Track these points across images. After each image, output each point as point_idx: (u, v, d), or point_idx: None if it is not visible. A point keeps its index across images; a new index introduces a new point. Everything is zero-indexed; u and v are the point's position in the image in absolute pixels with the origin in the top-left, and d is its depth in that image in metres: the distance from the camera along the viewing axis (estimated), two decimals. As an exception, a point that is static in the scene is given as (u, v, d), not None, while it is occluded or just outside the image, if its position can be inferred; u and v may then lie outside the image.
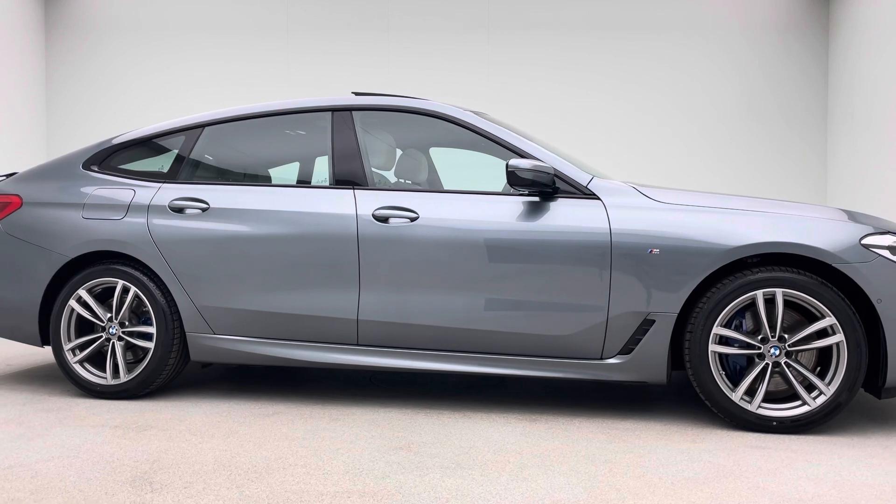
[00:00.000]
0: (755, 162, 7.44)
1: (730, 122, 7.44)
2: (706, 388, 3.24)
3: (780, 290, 3.14)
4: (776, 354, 3.17)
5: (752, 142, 7.44)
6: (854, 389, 3.11)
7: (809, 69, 7.38)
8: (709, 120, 7.44)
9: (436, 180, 4.21)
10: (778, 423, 3.17)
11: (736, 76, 7.46)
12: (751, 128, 7.44)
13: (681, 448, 2.96)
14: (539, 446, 2.97)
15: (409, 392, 3.95)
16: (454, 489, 2.47)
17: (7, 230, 4.01)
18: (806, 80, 7.39)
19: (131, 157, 4.04)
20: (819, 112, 7.45)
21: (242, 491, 2.45)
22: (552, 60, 7.50)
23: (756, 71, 7.43)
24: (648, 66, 7.45)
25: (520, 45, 7.49)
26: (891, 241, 3.17)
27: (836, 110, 7.19)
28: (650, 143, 7.47)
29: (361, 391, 3.96)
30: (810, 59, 7.38)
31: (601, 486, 2.51)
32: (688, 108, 7.44)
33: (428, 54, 7.48)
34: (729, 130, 7.44)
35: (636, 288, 3.27)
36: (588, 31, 7.44)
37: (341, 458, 2.80)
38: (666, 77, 7.45)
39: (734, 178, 7.35)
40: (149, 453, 2.86)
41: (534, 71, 7.52)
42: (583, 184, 3.43)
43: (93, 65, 7.59)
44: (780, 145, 7.40)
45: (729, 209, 3.29)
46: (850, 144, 6.89)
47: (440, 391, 3.97)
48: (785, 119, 7.40)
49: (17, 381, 4.22)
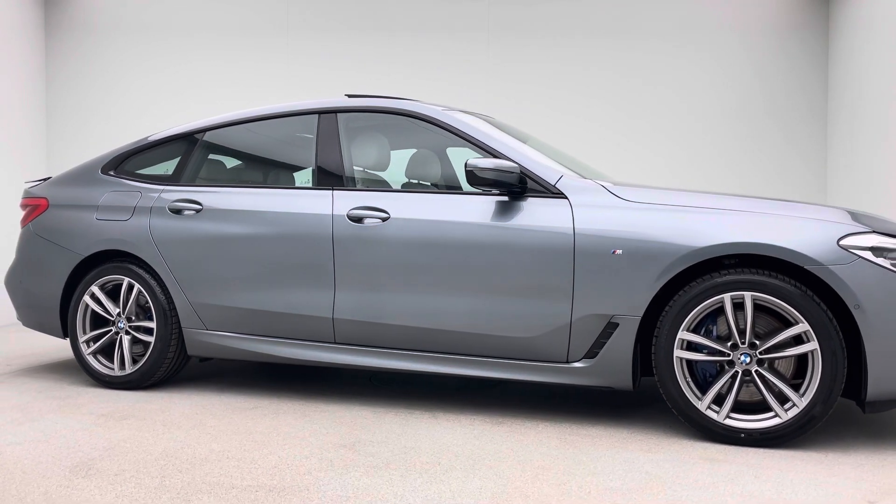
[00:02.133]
0: (755, 162, 7.37)
1: (729, 122, 7.41)
2: (671, 395, 3.09)
3: (749, 294, 2.95)
4: (746, 362, 2.98)
5: (752, 142, 7.37)
6: (829, 402, 2.87)
7: (809, 69, 7.29)
8: (708, 120, 7.41)
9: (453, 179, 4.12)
10: (746, 435, 2.98)
11: (736, 76, 7.41)
12: (751, 128, 7.37)
13: (629, 457, 2.84)
14: (484, 449, 2.93)
15: (396, 391, 3.98)
16: (364, 488, 2.48)
17: (35, 231, 4.34)
18: (806, 81, 7.30)
19: (142, 162, 4.28)
20: (819, 112, 7.31)
21: (164, 481, 2.56)
22: (552, 61, 7.50)
23: (756, 71, 7.35)
24: (648, 66, 7.45)
25: (520, 45, 7.51)
26: (874, 241, 2.90)
27: (836, 110, 7.06)
28: (650, 143, 7.45)
29: (348, 388, 4.03)
30: (810, 60, 7.29)
31: (512, 491, 2.46)
32: (687, 108, 7.42)
33: (428, 54, 7.49)
34: (728, 130, 7.41)
35: (599, 290, 3.16)
36: (588, 32, 7.47)
37: (280, 454, 2.87)
38: (666, 77, 7.44)
39: (734, 179, 7.29)
40: (110, 441, 3.03)
41: (534, 71, 7.52)
42: (551, 183, 3.34)
43: (93, 65, 7.62)
44: (780, 145, 7.31)
45: (701, 208, 3.12)
46: (850, 144, 6.70)
47: (428, 391, 3.97)
48: (785, 119, 7.31)
49: (45, 371, 4.55)
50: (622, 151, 7.30)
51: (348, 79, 7.27)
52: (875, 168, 6.25)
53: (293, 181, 4.10)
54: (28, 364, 4.76)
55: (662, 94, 7.35)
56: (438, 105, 3.84)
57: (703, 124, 7.33)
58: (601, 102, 7.39)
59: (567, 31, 7.42)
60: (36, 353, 5.17)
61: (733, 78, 7.32)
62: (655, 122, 7.36)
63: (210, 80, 7.55)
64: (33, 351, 5.24)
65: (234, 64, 7.53)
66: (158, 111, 7.47)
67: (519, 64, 7.42)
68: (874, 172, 6.27)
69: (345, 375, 4.38)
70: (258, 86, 7.47)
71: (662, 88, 7.36)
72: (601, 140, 7.30)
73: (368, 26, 7.43)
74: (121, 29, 7.62)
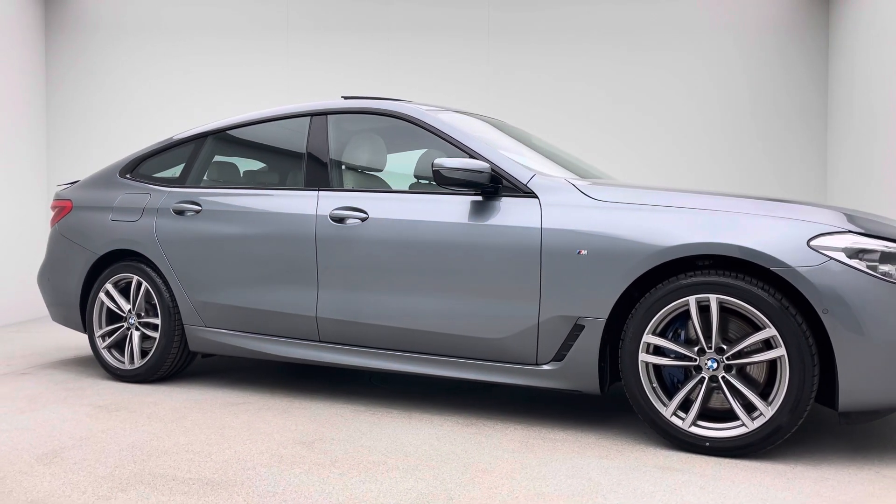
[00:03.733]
0: (755, 162, 7.23)
1: (729, 122, 7.29)
2: (637, 400, 2.99)
3: (714, 297, 2.83)
4: (713, 368, 2.86)
5: (751, 141, 7.25)
6: (797, 412, 2.71)
7: (809, 69, 7.13)
8: (708, 120, 7.32)
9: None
10: (711, 443, 2.85)
11: (736, 76, 7.28)
12: (750, 127, 7.21)
13: (581, 462, 2.77)
14: (439, 450, 2.92)
15: (390, 391, 4.01)
16: (296, 484, 2.52)
17: (61, 231, 4.60)
18: (806, 80, 7.14)
19: (154, 165, 4.46)
20: (819, 112, 7.15)
21: (115, 470, 2.67)
22: (552, 61, 7.45)
23: (756, 71, 7.21)
24: (648, 66, 7.38)
25: (520, 46, 7.47)
26: (849, 242, 2.72)
27: (836, 110, 6.93)
28: (650, 142, 7.37)
29: (340, 386, 4.08)
30: (810, 59, 7.13)
31: (439, 493, 2.44)
32: (688, 107, 7.34)
33: (428, 55, 7.45)
34: (728, 130, 7.29)
35: (566, 291, 3.09)
36: (588, 31, 7.42)
37: (238, 448, 2.94)
38: (665, 77, 7.37)
39: (734, 179, 7.19)
40: (90, 431, 3.19)
41: (534, 72, 7.47)
42: (523, 182, 3.29)
43: (93, 65, 7.62)
44: (780, 145, 7.18)
45: (671, 207, 3.00)
46: (850, 144, 6.62)
47: (422, 391, 3.98)
48: (785, 119, 7.19)
49: (72, 364, 4.80)
50: (622, 152, 7.24)
51: (349, 80, 7.29)
52: (875, 168, 6.20)
53: (286, 182, 4.18)
54: (60, 357, 5.05)
55: (662, 94, 7.34)
56: (425, 105, 3.84)
57: (703, 124, 7.30)
58: (601, 103, 7.38)
59: (567, 31, 7.41)
60: (69, 346, 5.46)
61: (733, 78, 7.28)
62: (656, 122, 7.34)
63: (210, 81, 7.48)
64: (66, 345, 5.54)
65: (234, 64, 7.47)
66: (158, 111, 7.45)
67: (519, 65, 7.42)
68: (874, 172, 6.21)
69: (346, 373, 4.44)
70: (258, 86, 7.41)
71: (662, 88, 7.34)
72: (601, 140, 7.26)
73: (369, 27, 7.43)
74: (121, 29, 7.57)
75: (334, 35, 7.47)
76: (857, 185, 6.54)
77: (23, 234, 7.08)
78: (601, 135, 7.29)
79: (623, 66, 7.33)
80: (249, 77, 7.48)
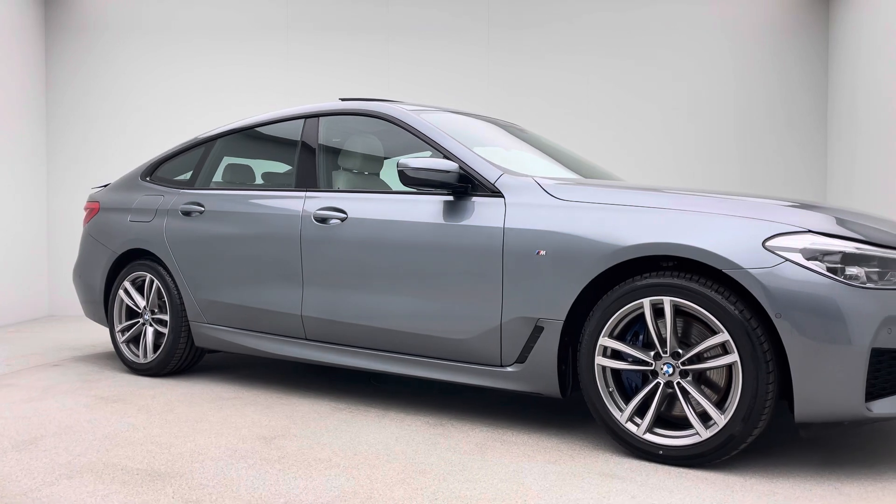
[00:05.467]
0: (755, 162, 7.15)
1: (729, 122, 7.19)
2: (593, 405, 2.91)
3: (668, 299, 2.72)
4: (669, 373, 2.75)
5: (751, 142, 7.17)
6: (751, 421, 2.57)
7: (809, 69, 7.08)
8: (708, 120, 7.22)
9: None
10: (665, 452, 2.74)
11: (735, 76, 7.19)
12: (751, 128, 7.17)
13: (524, 466, 2.71)
14: (391, 450, 2.93)
15: (382, 390, 4.04)
16: (232, 478, 2.58)
17: (89, 231, 4.87)
18: (806, 81, 7.08)
19: (170, 168, 4.66)
20: (819, 112, 7.07)
21: (74, 458, 2.81)
22: (552, 60, 7.37)
23: (756, 71, 7.15)
24: (648, 66, 7.29)
25: (520, 44, 7.39)
26: (807, 242, 2.56)
27: (836, 110, 6.88)
28: (650, 142, 7.27)
29: (334, 384, 4.15)
30: (810, 60, 7.07)
31: (360, 492, 2.45)
32: (688, 107, 7.25)
33: (428, 54, 7.38)
34: (728, 130, 7.20)
35: (526, 292, 3.04)
36: (588, 31, 7.35)
37: (200, 441, 3.04)
38: (665, 77, 7.28)
39: (734, 179, 7.10)
40: (77, 420, 3.37)
41: (534, 71, 7.39)
42: (491, 181, 3.25)
43: (93, 65, 7.63)
44: (780, 145, 7.11)
45: (634, 206, 2.89)
46: (850, 144, 6.57)
47: (417, 391, 4.00)
48: (785, 119, 7.09)
49: (101, 358, 5.07)
50: (622, 152, 7.15)
51: (349, 80, 7.30)
52: (875, 168, 6.13)
53: (283, 184, 4.27)
54: (93, 351, 5.34)
55: (663, 94, 7.28)
56: (415, 106, 3.85)
57: (703, 124, 7.24)
58: (601, 104, 7.32)
59: (567, 33, 7.36)
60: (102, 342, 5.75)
61: (733, 78, 7.22)
62: (656, 122, 7.28)
63: (210, 81, 7.50)
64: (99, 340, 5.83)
65: (234, 65, 7.47)
66: (158, 111, 7.51)
67: (519, 65, 7.37)
68: (874, 172, 6.14)
69: (346, 371, 4.50)
70: (258, 87, 7.42)
71: (663, 88, 7.29)
72: (601, 140, 7.18)
73: (369, 28, 7.42)
74: (121, 29, 7.59)
75: (334, 35, 7.46)
76: (857, 185, 6.49)
77: (23, 234, 7.15)
78: (601, 135, 7.25)
79: (623, 66, 7.32)
80: (249, 78, 7.46)
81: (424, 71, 7.38)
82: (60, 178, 7.60)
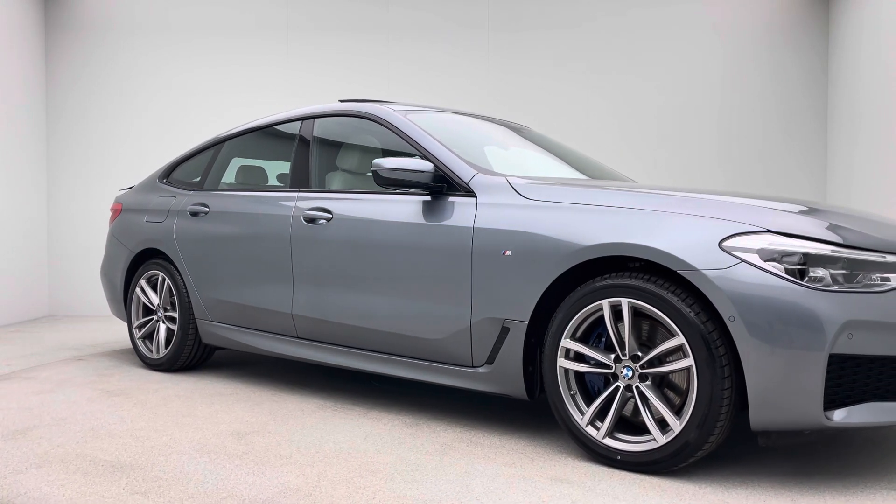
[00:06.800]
0: (755, 162, 7.16)
1: (729, 121, 7.19)
2: (556, 408, 2.86)
3: (626, 300, 2.65)
4: (629, 376, 2.68)
5: (751, 142, 7.18)
6: (706, 427, 2.48)
7: (809, 69, 7.10)
8: (708, 120, 7.17)
9: None
10: (623, 457, 2.67)
11: (735, 76, 7.19)
12: (751, 128, 7.18)
13: (478, 468, 2.69)
14: (356, 448, 2.95)
15: (375, 389, 4.08)
16: (188, 472, 2.65)
17: (112, 231, 5.08)
18: (806, 80, 7.11)
19: (184, 170, 4.80)
20: (819, 112, 7.09)
21: (52, 449, 2.94)
22: (552, 60, 7.32)
23: (756, 71, 7.16)
24: (648, 66, 7.25)
25: (520, 45, 7.33)
26: (765, 242, 2.45)
27: (836, 110, 6.93)
28: (650, 142, 7.20)
29: (330, 383, 4.20)
30: (810, 59, 7.09)
31: (304, 489, 2.47)
32: (688, 107, 7.20)
33: (428, 55, 7.31)
34: (728, 130, 7.20)
35: (493, 292, 3.01)
36: (587, 31, 7.31)
37: (176, 435, 3.13)
38: (665, 76, 7.22)
39: (734, 179, 7.10)
40: (72, 413, 3.51)
41: (534, 71, 7.31)
42: (465, 181, 3.23)
43: (93, 65, 7.61)
44: (780, 145, 7.13)
45: (600, 206, 2.82)
46: (850, 144, 6.62)
47: (411, 391, 4.01)
48: (785, 119, 7.03)
49: (123, 354, 5.27)
50: (621, 152, 7.06)
51: (349, 81, 7.30)
52: (875, 168, 6.13)
53: (281, 184, 4.34)
54: (118, 347, 5.56)
55: (663, 93, 7.24)
56: (402, 105, 3.86)
57: (704, 124, 7.21)
58: (601, 104, 7.28)
59: (567, 33, 7.32)
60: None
61: (733, 78, 7.18)
62: (655, 121, 7.23)
63: (210, 81, 7.51)
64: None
65: (235, 64, 7.48)
66: (158, 111, 7.53)
67: (519, 65, 7.33)
68: (874, 172, 6.13)
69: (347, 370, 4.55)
70: (258, 87, 7.42)
71: (663, 88, 7.24)
72: (601, 140, 7.10)
73: (369, 28, 7.40)
74: (121, 29, 7.60)
75: (334, 35, 7.46)
76: (857, 185, 6.48)
77: (23, 234, 7.18)
78: (601, 135, 7.20)
79: (623, 66, 7.28)
80: (249, 78, 7.47)
81: (424, 71, 7.39)
82: (60, 178, 7.60)
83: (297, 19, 7.52)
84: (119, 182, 6.78)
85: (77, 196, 7.61)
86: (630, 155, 7.10)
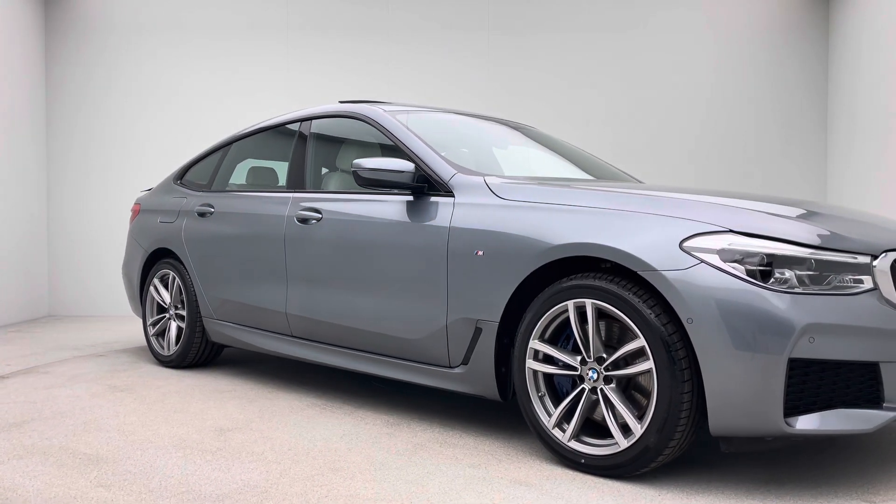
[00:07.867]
0: (755, 162, 7.17)
1: (729, 122, 7.20)
2: (525, 409, 2.83)
3: (590, 301, 2.61)
4: (594, 378, 2.64)
5: (751, 142, 7.19)
6: (666, 431, 2.42)
7: (809, 69, 7.11)
8: (708, 120, 7.26)
9: None
10: (586, 461, 2.63)
11: (735, 76, 7.20)
12: (751, 128, 7.19)
13: (441, 469, 2.68)
14: (329, 447, 2.97)
15: (371, 388, 4.10)
16: (158, 466, 2.71)
17: (131, 231, 5.23)
18: (806, 81, 7.12)
19: (196, 172, 4.92)
20: (819, 112, 7.09)
21: (40, 441, 3.05)
22: (552, 60, 7.27)
23: (756, 71, 7.18)
24: (648, 66, 7.19)
25: (520, 45, 7.28)
26: (726, 243, 2.38)
27: (836, 110, 6.95)
28: (649, 142, 7.15)
29: (327, 381, 4.24)
30: (810, 59, 7.10)
31: (262, 486, 2.51)
32: (687, 107, 7.15)
33: (428, 55, 7.26)
34: (728, 130, 7.21)
35: (467, 292, 3.00)
36: (588, 31, 7.26)
37: (161, 431, 3.21)
38: (666, 76, 7.17)
39: (734, 179, 7.09)
40: (71, 407, 3.63)
41: (534, 71, 7.26)
42: (445, 181, 3.23)
43: (93, 65, 7.58)
44: (780, 145, 7.14)
45: (572, 206, 2.78)
46: (850, 144, 6.65)
47: (393, 389, 4.03)
48: (785, 119, 6.98)
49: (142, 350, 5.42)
50: (621, 152, 6.97)
51: (349, 81, 7.29)
52: (875, 168, 6.11)
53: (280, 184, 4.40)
54: (141, 344, 5.72)
55: (663, 95, 7.19)
56: (396, 106, 3.88)
57: (703, 124, 7.17)
58: (601, 104, 7.24)
59: (567, 33, 7.27)
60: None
61: (733, 78, 7.13)
62: (655, 121, 7.18)
63: (210, 81, 7.51)
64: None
65: (235, 65, 7.48)
66: (158, 111, 7.54)
67: (519, 65, 7.29)
68: (874, 172, 6.12)
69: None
70: (258, 88, 7.42)
71: (663, 90, 7.20)
72: (601, 140, 7.02)
73: (369, 28, 7.37)
74: (121, 29, 7.61)
75: (334, 36, 7.45)
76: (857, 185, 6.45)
77: (23, 234, 7.21)
78: (600, 135, 7.15)
79: (623, 66, 7.23)
80: (250, 78, 7.47)
81: (425, 72, 7.38)
82: (61, 178, 7.63)
83: (296, 19, 7.54)
84: (119, 182, 6.99)
85: (77, 196, 7.64)
86: (630, 156, 7.05)
